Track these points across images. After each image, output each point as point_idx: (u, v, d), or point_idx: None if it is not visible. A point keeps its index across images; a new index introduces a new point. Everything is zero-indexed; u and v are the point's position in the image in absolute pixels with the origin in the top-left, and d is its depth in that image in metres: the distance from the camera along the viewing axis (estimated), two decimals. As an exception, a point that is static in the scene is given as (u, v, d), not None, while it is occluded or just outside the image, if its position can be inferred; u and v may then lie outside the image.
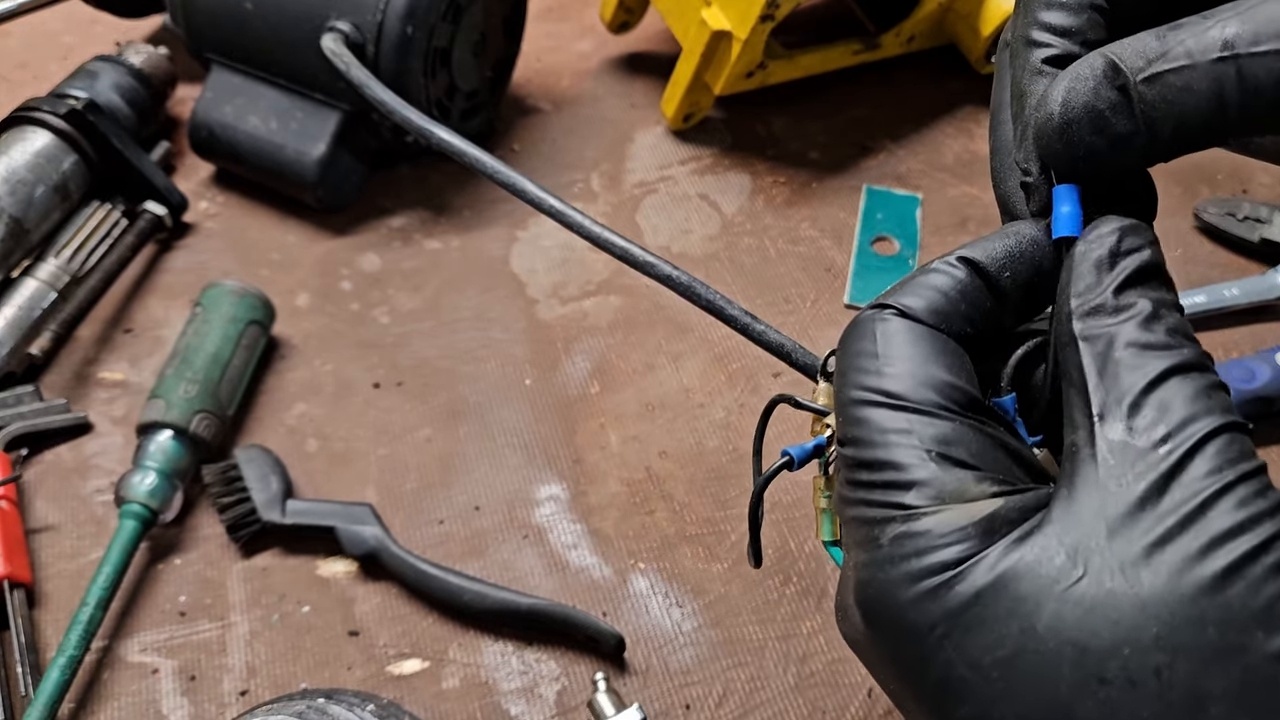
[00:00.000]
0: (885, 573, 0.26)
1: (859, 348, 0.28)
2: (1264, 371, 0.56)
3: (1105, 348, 0.26)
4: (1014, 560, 0.25)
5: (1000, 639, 0.24)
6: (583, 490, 0.55)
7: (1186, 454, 0.24)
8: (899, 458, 0.26)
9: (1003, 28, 0.71)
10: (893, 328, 0.28)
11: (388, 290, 0.64)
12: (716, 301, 0.45)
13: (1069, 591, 0.24)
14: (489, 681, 0.48)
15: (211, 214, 0.67)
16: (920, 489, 0.26)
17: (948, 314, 0.28)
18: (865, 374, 0.28)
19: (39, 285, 0.59)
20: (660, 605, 0.51)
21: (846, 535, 0.28)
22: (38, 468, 0.55)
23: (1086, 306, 0.27)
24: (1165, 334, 0.26)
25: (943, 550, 0.25)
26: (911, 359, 0.27)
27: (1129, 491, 0.24)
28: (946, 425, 0.26)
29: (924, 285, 0.28)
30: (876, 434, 0.27)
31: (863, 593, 0.27)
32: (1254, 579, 0.23)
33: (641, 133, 0.73)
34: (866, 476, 0.27)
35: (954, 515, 0.25)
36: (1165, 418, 0.25)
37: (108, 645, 0.49)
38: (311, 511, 0.52)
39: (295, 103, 0.64)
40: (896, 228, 0.67)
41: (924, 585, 0.25)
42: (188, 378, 0.54)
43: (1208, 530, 0.23)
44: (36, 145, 0.60)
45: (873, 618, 0.27)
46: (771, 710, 0.47)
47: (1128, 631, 0.23)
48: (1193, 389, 0.25)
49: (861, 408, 0.27)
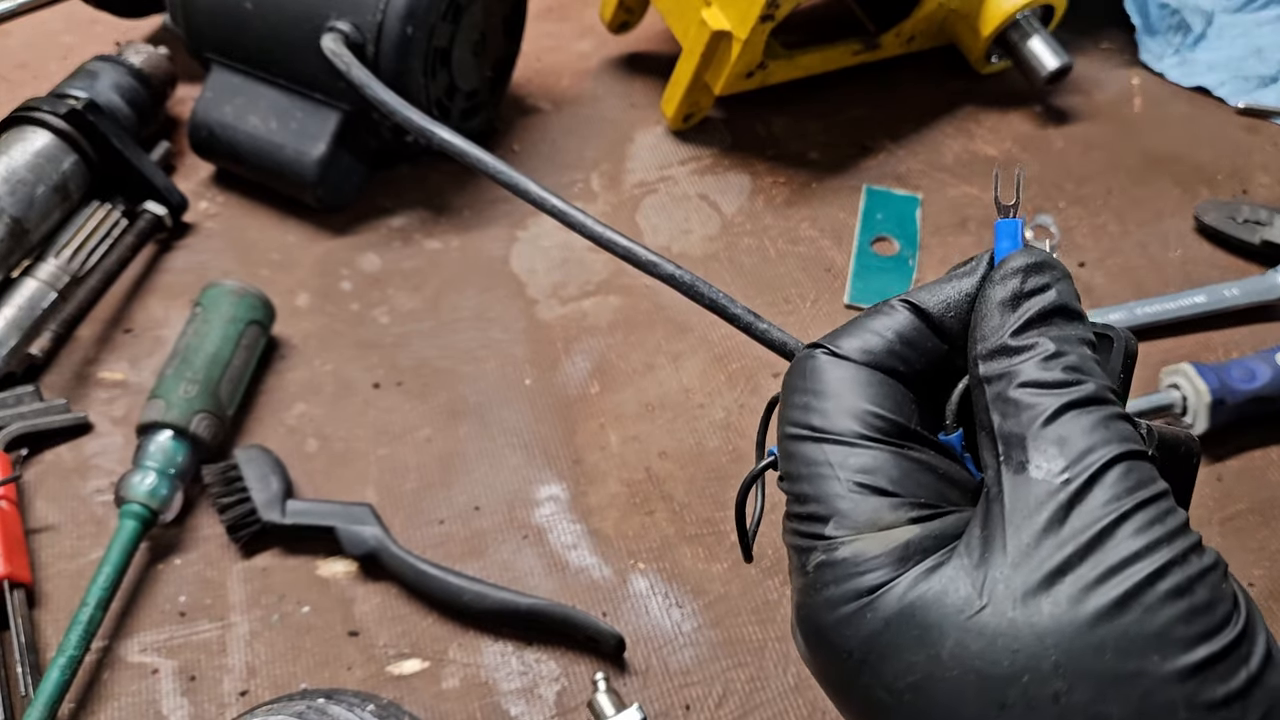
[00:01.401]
0: (811, 598, 0.27)
1: (791, 384, 0.30)
2: (1264, 371, 0.56)
3: (1005, 387, 0.27)
4: (922, 590, 0.25)
5: (910, 665, 0.25)
6: (583, 490, 0.55)
7: (1085, 484, 0.25)
8: (821, 490, 0.27)
9: (1003, 27, 0.72)
10: (821, 364, 0.29)
11: (388, 290, 0.64)
12: (720, 300, 0.46)
13: (972, 621, 0.25)
14: (489, 682, 0.48)
15: (211, 214, 0.67)
16: (838, 520, 0.27)
17: (879, 352, 0.29)
18: (795, 409, 0.29)
19: (39, 285, 0.59)
20: (660, 605, 0.51)
21: (789, 559, 0.29)
22: (38, 468, 0.55)
23: (989, 348, 0.28)
24: (1062, 371, 0.27)
25: (858, 578, 0.26)
26: (837, 394, 0.28)
27: (1031, 523, 0.25)
28: (867, 454, 0.27)
29: (860, 326, 0.30)
30: (803, 466, 0.28)
31: (797, 615, 0.28)
32: (1150, 604, 0.24)
33: (641, 133, 0.73)
34: (797, 508, 0.28)
35: (868, 544, 0.26)
36: (1064, 451, 0.25)
37: (108, 645, 0.49)
38: (311, 512, 0.52)
39: (295, 103, 0.64)
40: (896, 228, 0.67)
41: (842, 611, 0.26)
42: (188, 378, 0.54)
43: (1105, 559, 0.24)
44: (36, 145, 0.60)
45: (806, 640, 0.28)
46: (771, 710, 0.47)
47: (1027, 660, 0.24)
48: (1089, 422, 0.26)
49: (791, 442, 0.29)
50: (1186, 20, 0.79)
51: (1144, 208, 0.69)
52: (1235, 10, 0.81)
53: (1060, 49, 0.72)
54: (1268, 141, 0.73)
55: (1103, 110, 0.75)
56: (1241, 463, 0.57)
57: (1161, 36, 0.79)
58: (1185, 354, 0.60)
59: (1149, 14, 0.79)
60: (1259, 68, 0.77)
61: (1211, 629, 0.24)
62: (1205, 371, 0.56)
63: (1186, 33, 0.79)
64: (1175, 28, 0.79)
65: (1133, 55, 0.80)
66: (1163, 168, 0.72)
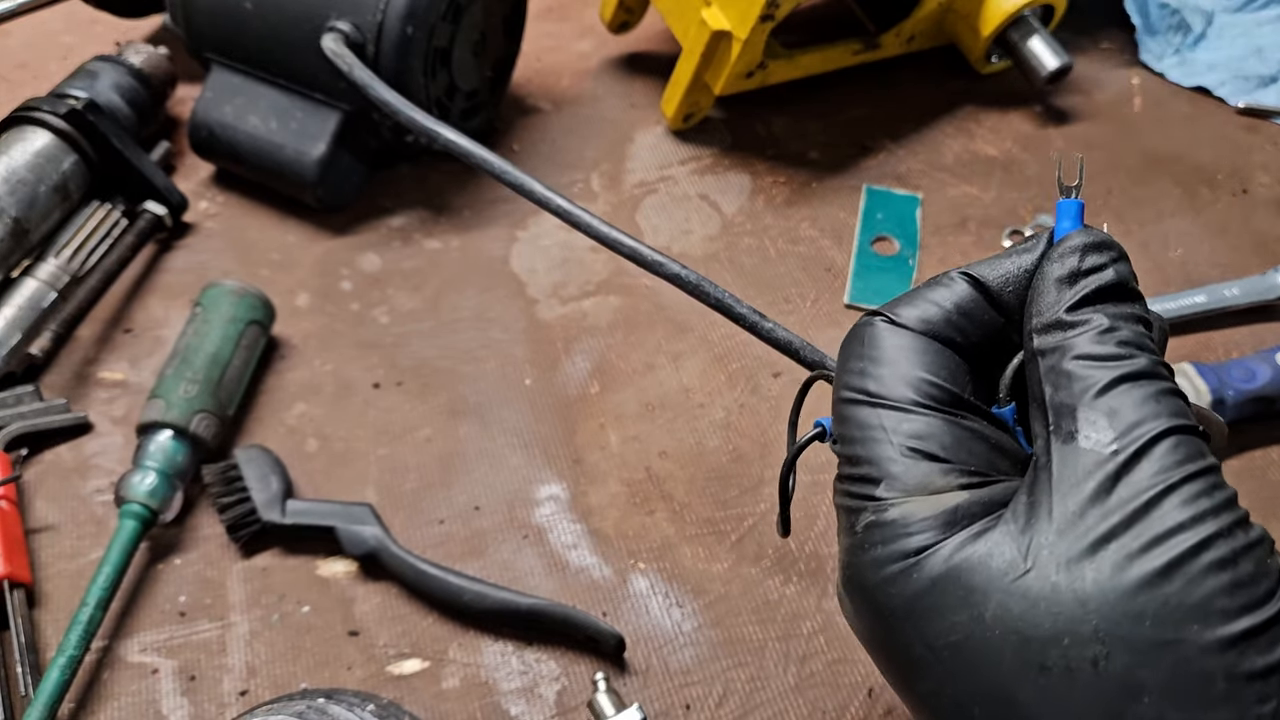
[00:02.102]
0: (858, 557, 0.28)
1: (848, 349, 0.30)
2: (1264, 371, 0.56)
3: (1059, 360, 0.27)
4: (968, 553, 0.26)
5: (952, 625, 0.26)
6: (583, 490, 0.55)
7: (1134, 455, 0.25)
8: (874, 453, 0.28)
9: (1003, 27, 0.72)
10: (879, 332, 0.30)
11: (387, 290, 0.64)
12: (725, 300, 0.46)
13: (1016, 584, 0.25)
14: (489, 681, 0.48)
15: (211, 214, 0.67)
16: (889, 482, 0.28)
17: (937, 322, 0.30)
18: (851, 374, 0.29)
19: (39, 285, 0.59)
20: (660, 605, 0.51)
21: (837, 519, 0.30)
22: (38, 467, 0.55)
23: (1044, 322, 0.28)
24: (1116, 345, 0.27)
25: (905, 539, 0.27)
26: (894, 361, 0.29)
27: (1079, 491, 0.25)
28: (920, 420, 0.28)
29: (919, 296, 0.30)
30: (857, 430, 0.29)
31: (843, 574, 0.29)
32: (1193, 575, 0.24)
33: (641, 133, 0.73)
34: (848, 470, 0.29)
35: (918, 506, 0.27)
36: (1114, 423, 0.26)
37: (108, 645, 0.49)
38: (311, 511, 0.52)
39: (295, 103, 0.64)
40: (896, 227, 0.67)
41: (888, 570, 0.27)
42: (188, 378, 0.54)
43: (1151, 528, 0.24)
44: (37, 145, 0.60)
45: (851, 598, 0.29)
46: (771, 710, 0.47)
47: (1068, 623, 0.24)
48: (1141, 394, 0.26)
49: (846, 406, 0.29)
50: (1186, 20, 0.79)
51: (1144, 207, 0.69)
52: (1235, 10, 0.81)
53: (1060, 49, 0.72)
54: (1268, 141, 0.73)
55: (1103, 110, 0.75)
56: (1242, 462, 0.57)
57: (1161, 36, 0.79)
58: (1185, 354, 0.60)
59: (1149, 14, 0.79)
60: (1259, 67, 0.77)
61: (1254, 602, 0.24)
62: (1205, 371, 0.56)
63: (1186, 33, 0.79)
64: (1175, 28, 0.79)
65: (1133, 55, 0.80)
66: (1163, 167, 0.72)
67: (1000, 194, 0.70)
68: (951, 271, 0.31)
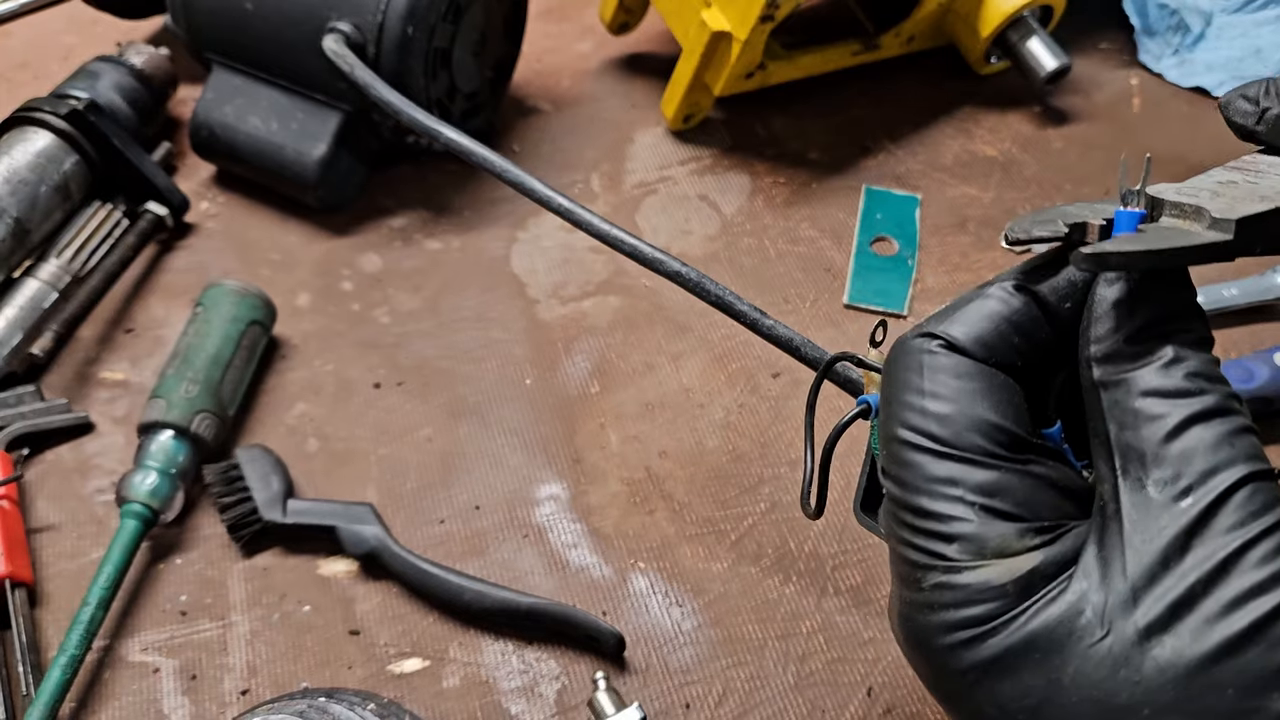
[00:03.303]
0: (924, 616, 0.26)
1: (905, 379, 0.28)
2: (1263, 371, 0.57)
3: (1123, 395, 0.26)
4: (1045, 618, 0.25)
5: (1028, 689, 0.25)
6: (583, 490, 0.55)
7: (1209, 508, 0.24)
8: (943, 509, 0.26)
9: (1002, 28, 0.72)
10: (940, 362, 0.27)
11: (388, 290, 0.64)
12: (726, 297, 0.46)
13: (1093, 649, 0.24)
14: (489, 680, 0.48)
15: (212, 214, 0.67)
16: (963, 543, 0.26)
17: (997, 346, 0.28)
18: (911, 411, 0.27)
19: (40, 285, 0.59)
20: (660, 604, 0.51)
21: (891, 558, 0.28)
22: (39, 467, 0.55)
23: (1103, 352, 0.26)
24: (1184, 379, 0.25)
25: (980, 606, 0.25)
26: (958, 398, 0.27)
27: (1152, 547, 0.24)
28: (992, 474, 0.26)
29: (974, 312, 0.28)
30: (921, 480, 0.27)
31: (904, 626, 0.27)
32: (1274, 639, 0.23)
33: (641, 133, 0.73)
34: (911, 520, 0.27)
35: (994, 572, 0.26)
36: (1187, 469, 0.24)
37: (109, 645, 0.49)
38: (312, 511, 0.52)
39: (296, 103, 0.64)
40: (896, 228, 0.67)
41: (959, 636, 0.26)
42: (189, 377, 0.54)
43: (1229, 590, 0.23)
44: (38, 145, 0.61)
45: (912, 650, 0.27)
46: (771, 709, 0.48)
47: (1147, 693, 0.23)
48: (1214, 436, 0.25)
49: (907, 450, 0.27)
50: (1185, 21, 0.79)
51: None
52: (1234, 11, 0.81)
53: (1059, 49, 0.72)
54: (1266, 142, 0.73)
55: (1102, 110, 0.76)
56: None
57: (1160, 37, 0.80)
58: (1184, 354, 0.60)
59: (1148, 14, 0.79)
60: (1258, 68, 0.77)
61: None
62: (1204, 371, 0.56)
63: (1185, 33, 0.79)
64: (1174, 28, 0.79)
65: (1131, 56, 0.80)
66: (1162, 168, 0.71)
67: (999, 194, 0.70)
68: (1005, 282, 0.28)
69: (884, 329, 0.39)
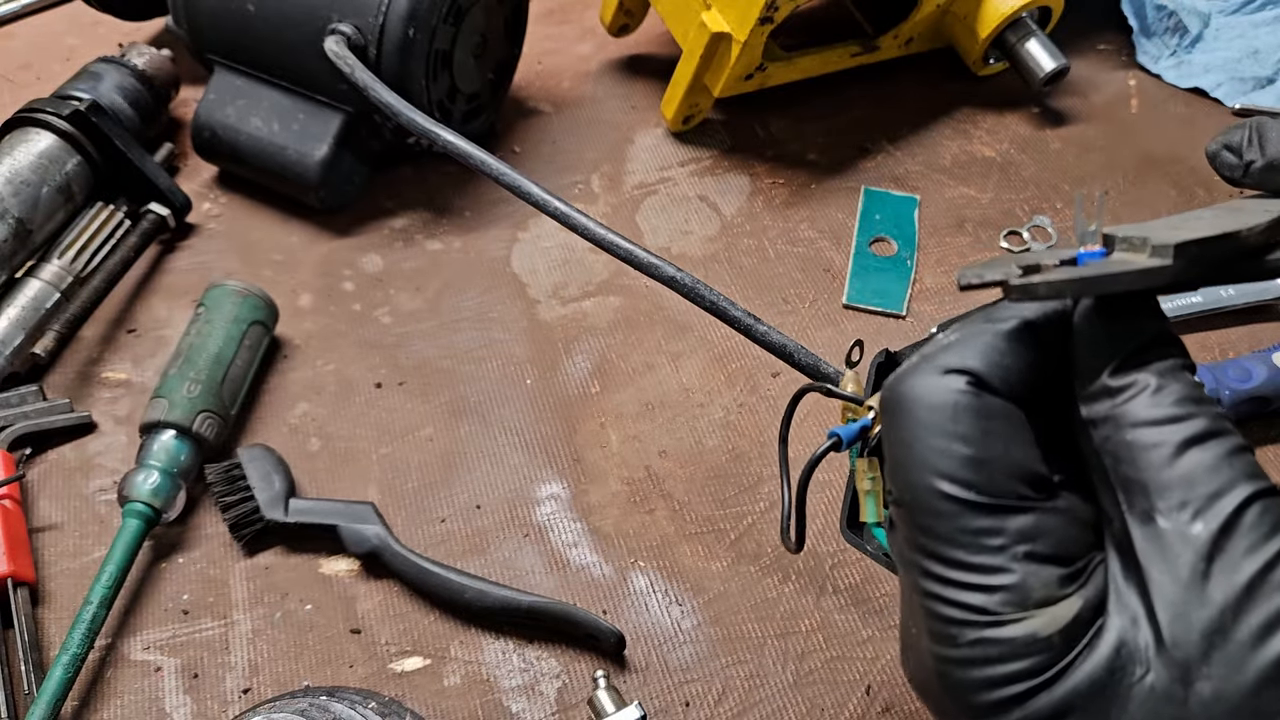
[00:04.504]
0: (964, 673, 0.26)
1: (929, 421, 0.27)
2: (1260, 371, 0.57)
3: (1114, 430, 0.26)
4: (1090, 667, 0.25)
5: None
6: (583, 489, 0.55)
7: (1221, 531, 0.24)
8: (984, 561, 0.25)
9: (1000, 29, 0.72)
10: (968, 402, 0.26)
11: (389, 290, 0.64)
12: (720, 303, 0.46)
13: (1137, 689, 0.24)
14: (490, 679, 0.49)
15: (214, 215, 0.68)
16: (1006, 594, 0.25)
17: (1014, 381, 0.27)
18: (941, 456, 0.26)
19: (43, 286, 0.60)
20: (660, 603, 0.51)
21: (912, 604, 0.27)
22: (41, 467, 0.55)
23: (1089, 390, 0.26)
24: (1173, 405, 0.25)
25: (1025, 660, 0.25)
26: (990, 442, 0.26)
27: (1172, 579, 0.24)
28: (1030, 518, 0.26)
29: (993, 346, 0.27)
30: (957, 532, 0.26)
31: (941, 682, 0.26)
32: None
33: (641, 134, 0.74)
34: (943, 572, 0.26)
35: (1038, 623, 0.25)
36: (1191, 495, 0.24)
37: (111, 643, 0.49)
38: (314, 510, 0.52)
39: (297, 104, 0.64)
40: (894, 229, 0.68)
41: (1006, 692, 0.25)
42: (191, 377, 0.54)
43: (1259, 615, 0.23)
44: (40, 146, 0.61)
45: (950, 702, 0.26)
46: (770, 707, 0.48)
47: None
48: (1213, 458, 0.24)
49: (938, 499, 0.26)
50: (1183, 22, 0.79)
51: (1141, 209, 0.69)
52: (1232, 12, 0.81)
53: (1057, 51, 0.72)
54: (1264, 143, 0.74)
55: (1100, 112, 0.76)
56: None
57: (1158, 38, 0.80)
58: (1182, 354, 0.61)
59: (1146, 16, 0.80)
60: (1256, 69, 0.77)
61: None
62: (1202, 371, 0.56)
63: (1183, 34, 0.79)
64: (1172, 29, 0.80)
65: (1130, 57, 0.80)
66: (1159, 169, 0.72)
67: (998, 195, 0.70)
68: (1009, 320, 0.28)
69: (860, 349, 0.38)
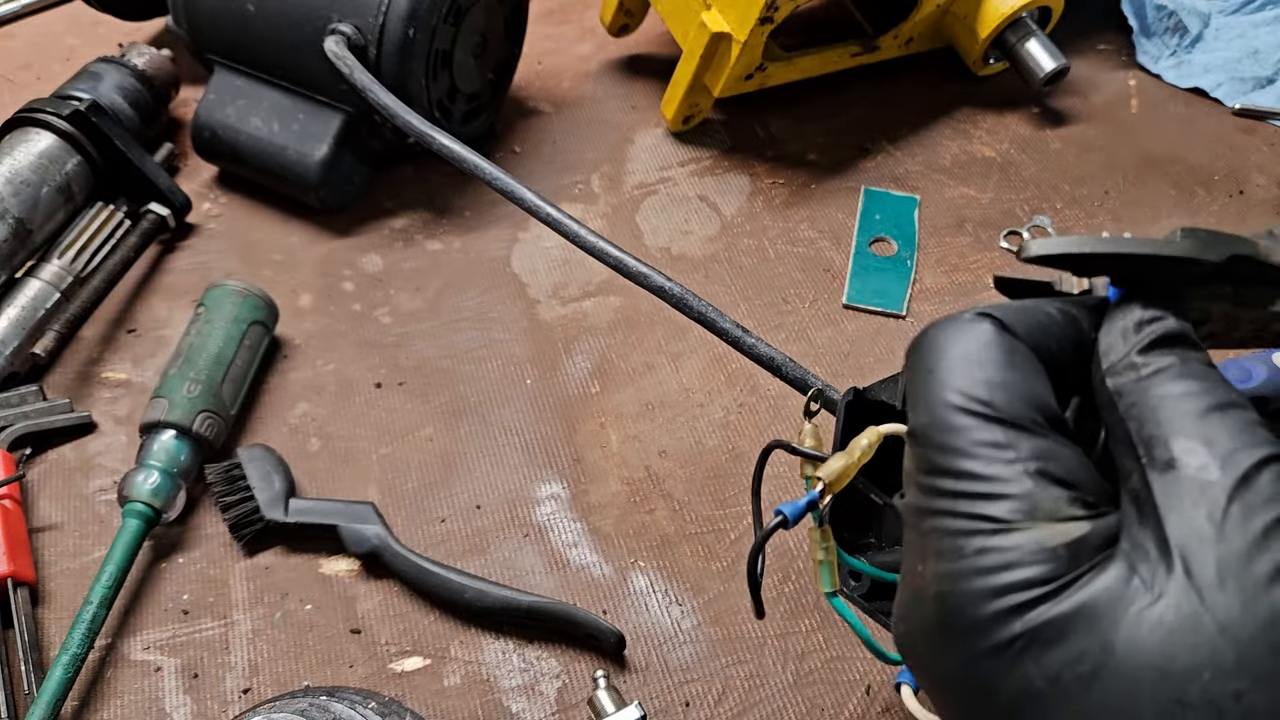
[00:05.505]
0: (969, 583, 0.26)
1: (956, 347, 0.28)
2: (1260, 371, 0.57)
3: (1140, 398, 0.27)
4: (1097, 585, 0.25)
5: (1080, 655, 0.24)
6: (583, 489, 0.55)
7: (1241, 481, 0.24)
8: (995, 471, 0.26)
9: (1000, 29, 0.72)
10: (994, 336, 0.28)
11: (389, 291, 0.64)
12: (708, 314, 0.46)
13: (1146, 614, 0.24)
14: (490, 679, 0.49)
15: (214, 215, 0.68)
16: (1014, 502, 0.26)
17: (1040, 343, 0.28)
18: (962, 376, 0.27)
19: (42, 286, 0.60)
20: (660, 603, 0.51)
21: (919, 543, 0.28)
22: (41, 467, 0.55)
23: (1117, 367, 0.27)
24: (1196, 380, 0.26)
25: (1030, 568, 0.25)
26: (1010, 370, 0.27)
27: (1192, 519, 0.24)
28: (1044, 441, 0.26)
29: (1022, 309, 0.29)
30: (970, 444, 0.27)
31: (943, 604, 0.26)
32: None
33: (641, 134, 0.74)
34: (952, 485, 0.27)
35: (1044, 534, 0.25)
36: (1213, 449, 0.25)
37: (111, 643, 0.49)
38: (314, 510, 0.52)
39: (297, 104, 0.64)
40: (894, 228, 0.68)
41: (1008, 601, 0.25)
42: (191, 377, 0.54)
43: (1275, 558, 0.24)
44: (40, 146, 0.61)
45: (950, 629, 0.26)
46: (770, 707, 0.48)
47: (1208, 655, 0.23)
48: (1234, 424, 0.25)
49: (956, 414, 0.27)
50: (1183, 22, 0.79)
51: (1140, 208, 0.69)
52: (1232, 12, 0.81)
53: (1057, 51, 0.72)
54: (1264, 142, 0.74)
55: (1100, 112, 0.76)
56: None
57: (1158, 38, 0.80)
58: (1182, 354, 0.61)
59: (1146, 16, 0.80)
60: (1255, 69, 0.77)
61: None
62: (1201, 371, 0.56)
63: (1183, 34, 0.79)
64: (1172, 29, 0.80)
65: (1130, 57, 0.80)
66: (1159, 169, 0.72)
67: (998, 195, 0.70)
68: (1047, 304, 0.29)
69: (819, 399, 0.38)
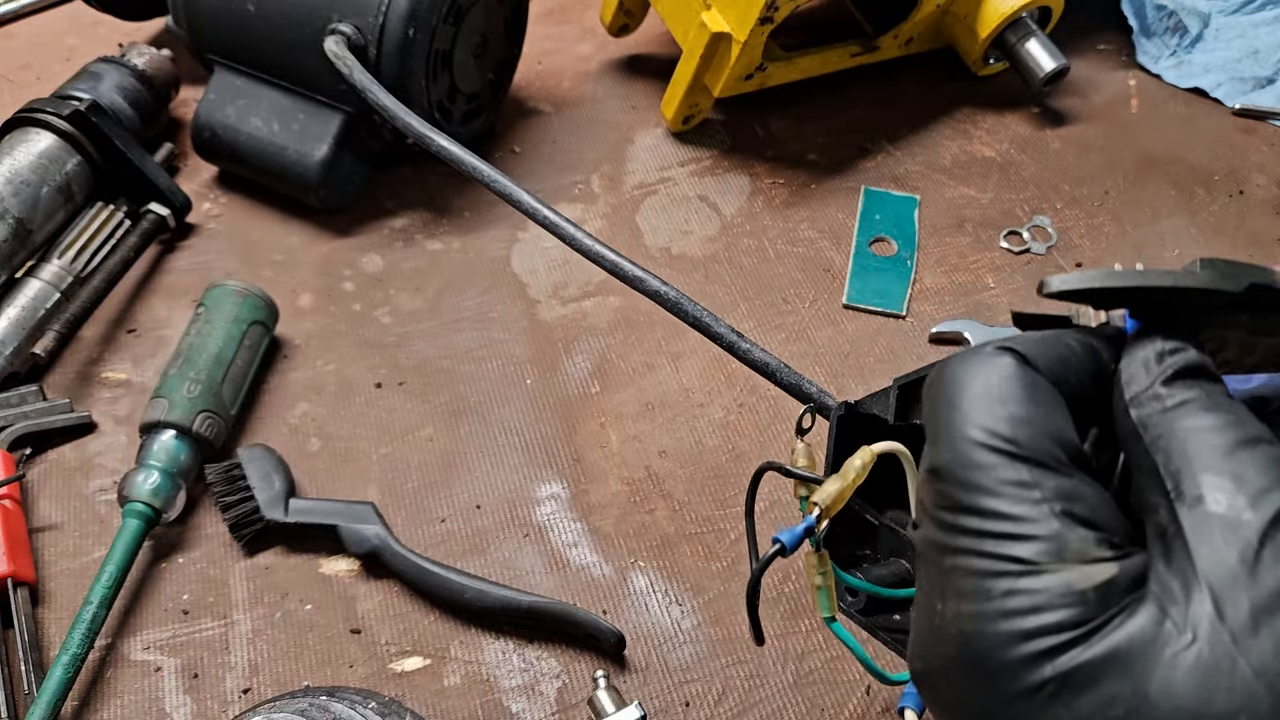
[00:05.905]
0: (997, 626, 0.26)
1: (978, 382, 0.28)
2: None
3: (1167, 430, 0.26)
4: (1128, 627, 0.25)
5: (1112, 700, 0.24)
6: (583, 489, 0.55)
7: (1274, 522, 0.24)
8: (1020, 511, 0.26)
9: (1000, 29, 0.72)
10: (1016, 371, 0.28)
11: (389, 290, 0.64)
12: (703, 318, 0.46)
13: (1180, 658, 0.24)
14: (490, 679, 0.49)
15: (214, 215, 0.68)
16: (1040, 544, 0.25)
17: (1061, 375, 0.28)
18: (984, 412, 0.27)
19: (42, 286, 0.60)
20: (660, 603, 0.51)
21: (940, 580, 0.27)
22: (41, 467, 0.55)
23: (1140, 399, 0.27)
24: (1222, 413, 0.26)
25: (1060, 611, 0.25)
26: (1034, 406, 0.27)
27: (1224, 558, 0.24)
28: (1068, 481, 0.26)
29: (1043, 341, 0.29)
30: (994, 483, 0.26)
31: (967, 644, 0.26)
32: None
33: (641, 134, 0.74)
34: (977, 524, 0.26)
35: (1072, 576, 0.25)
36: (1242, 488, 0.25)
37: (111, 643, 0.49)
38: (314, 510, 0.52)
39: (297, 104, 0.64)
40: (894, 228, 0.68)
41: (1038, 644, 0.25)
42: (191, 377, 0.54)
43: None
44: (40, 146, 0.61)
45: (975, 670, 0.26)
46: (770, 707, 0.48)
47: (1243, 700, 0.23)
48: (1262, 460, 0.25)
49: (980, 451, 0.27)
50: (1183, 22, 0.79)
51: (1141, 208, 0.69)
52: (1232, 12, 0.81)
53: (1057, 51, 0.72)
54: (1264, 142, 0.74)
55: (1100, 112, 0.76)
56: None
57: (1158, 38, 0.80)
58: (1182, 354, 0.61)
59: (1146, 16, 0.80)
60: (1255, 69, 0.77)
61: None
62: (1201, 371, 0.56)
63: (1183, 34, 0.79)
64: (1172, 29, 0.80)
65: (1130, 57, 0.80)
66: (1159, 169, 0.72)
67: (997, 195, 0.70)
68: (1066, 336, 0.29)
69: (813, 415, 0.38)
